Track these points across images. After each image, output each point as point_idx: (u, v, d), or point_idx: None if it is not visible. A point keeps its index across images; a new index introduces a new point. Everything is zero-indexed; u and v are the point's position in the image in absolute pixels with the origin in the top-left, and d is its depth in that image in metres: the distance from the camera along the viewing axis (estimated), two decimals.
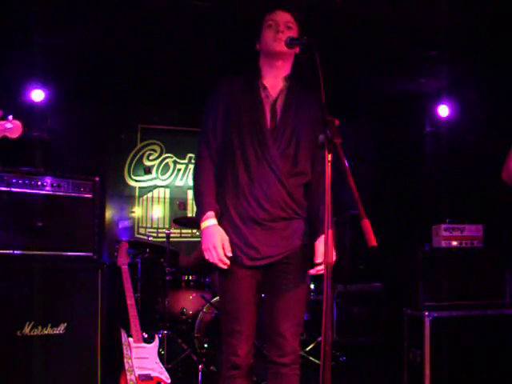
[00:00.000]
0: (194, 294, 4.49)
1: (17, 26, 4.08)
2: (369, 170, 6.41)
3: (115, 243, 4.44)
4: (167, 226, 6.12)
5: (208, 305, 4.17)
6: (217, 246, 2.13)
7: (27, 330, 2.82)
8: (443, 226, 3.77)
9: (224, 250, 2.14)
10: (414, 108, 5.79)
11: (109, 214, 6.01)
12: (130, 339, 3.38)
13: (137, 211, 6.18)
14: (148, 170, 6.26)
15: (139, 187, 6.23)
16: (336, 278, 4.84)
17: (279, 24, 2.22)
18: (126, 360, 3.24)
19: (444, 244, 3.75)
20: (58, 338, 2.91)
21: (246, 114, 2.22)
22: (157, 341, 3.48)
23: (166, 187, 6.34)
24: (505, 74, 4.48)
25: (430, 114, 5.63)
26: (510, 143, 2.56)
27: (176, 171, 6.37)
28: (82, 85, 5.34)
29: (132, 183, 6.20)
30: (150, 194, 6.26)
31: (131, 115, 6.17)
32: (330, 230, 1.70)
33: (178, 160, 6.37)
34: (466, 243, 3.78)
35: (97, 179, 3.21)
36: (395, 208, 5.91)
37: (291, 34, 2.20)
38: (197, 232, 6.05)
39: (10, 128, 2.31)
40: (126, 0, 3.84)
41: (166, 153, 6.34)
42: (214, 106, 2.29)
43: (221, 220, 2.22)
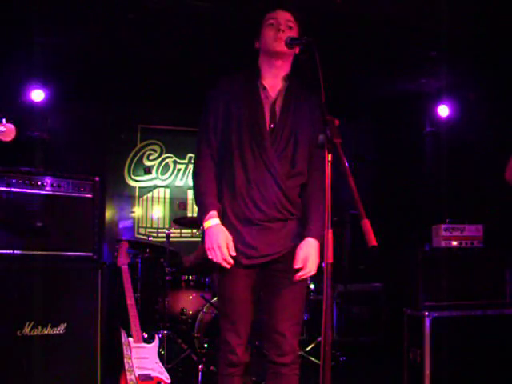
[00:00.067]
0: (194, 294, 4.48)
1: (17, 25, 4.08)
2: (369, 170, 6.41)
3: (115, 243, 4.44)
4: (167, 226, 6.13)
5: (208, 305, 4.16)
6: (221, 246, 2.13)
7: (27, 329, 2.82)
8: (443, 225, 3.77)
9: (228, 249, 2.14)
10: (413, 108, 5.79)
11: (109, 213, 6.01)
12: (130, 339, 3.38)
13: (137, 211, 6.18)
14: (148, 170, 6.26)
15: (139, 187, 6.23)
16: (336, 278, 4.83)
17: (280, 23, 2.21)
18: (125, 360, 3.24)
19: (444, 244, 3.74)
20: (57, 337, 2.91)
21: (245, 114, 2.22)
22: (157, 341, 3.48)
23: (166, 187, 6.34)
24: (505, 74, 4.48)
25: (429, 114, 5.63)
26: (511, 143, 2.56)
27: (176, 171, 6.37)
28: (82, 85, 5.35)
29: (132, 183, 6.20)
30: (150, 194, 6.26)
31: (131, 115, 6.16)
32: (329, 230, 1.70)
33: (178, 160, 6.38)
34: (466, 243, 3.77)
35: (97, 179, 3.20)
36: (395, 208, 5.90)
37: (292, 33, 2.20)
38: (197, 232, 6.05)
39: (2, 131, 2.31)
40: (126, 0, 3.84)
41: (166, 153, 6.34)
42: (215, 105, 2.28)
43: None
